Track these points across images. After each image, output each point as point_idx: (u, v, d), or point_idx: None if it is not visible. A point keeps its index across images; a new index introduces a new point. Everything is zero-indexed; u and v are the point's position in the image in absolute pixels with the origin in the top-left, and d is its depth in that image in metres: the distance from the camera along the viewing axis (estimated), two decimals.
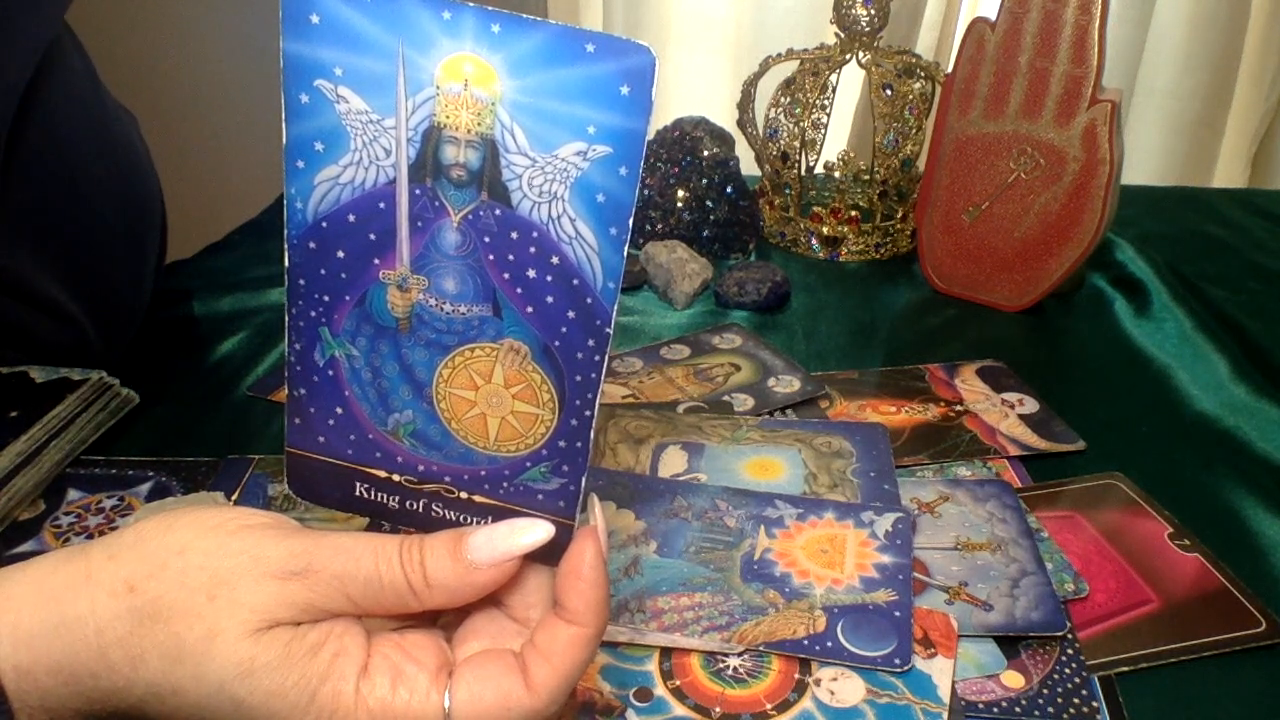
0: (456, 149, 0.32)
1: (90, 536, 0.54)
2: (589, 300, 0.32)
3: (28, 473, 0.56)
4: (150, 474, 0.60)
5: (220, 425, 0.66)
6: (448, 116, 0.31)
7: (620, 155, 0.30)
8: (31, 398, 0.60)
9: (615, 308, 0.32)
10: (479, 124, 0.31)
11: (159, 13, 1.52)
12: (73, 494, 0.57)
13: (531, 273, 0.32)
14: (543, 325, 0.33)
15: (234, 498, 0.57)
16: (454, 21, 0.30)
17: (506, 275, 0.33)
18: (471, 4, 0.30)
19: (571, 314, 0.33)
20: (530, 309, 0.33)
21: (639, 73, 0.29)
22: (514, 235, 0.32)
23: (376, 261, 0.34)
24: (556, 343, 0.33)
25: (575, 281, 0.32)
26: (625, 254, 0.32)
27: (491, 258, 0.33)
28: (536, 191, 0.31)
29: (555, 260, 0.32)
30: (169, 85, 1.52)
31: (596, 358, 0.33)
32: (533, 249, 0.32)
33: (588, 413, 0.34)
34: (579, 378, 0.34)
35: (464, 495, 0.37)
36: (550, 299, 0.33)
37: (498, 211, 0.32)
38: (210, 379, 0.72)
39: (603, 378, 0.33)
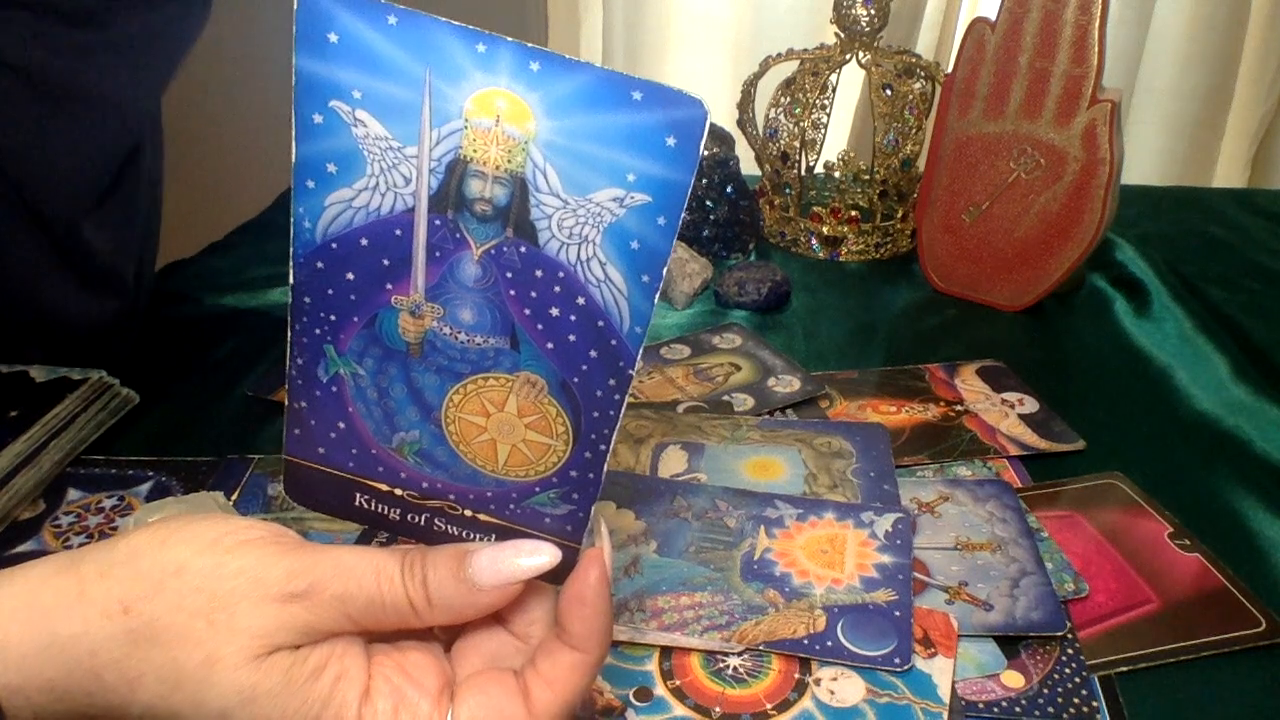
0: (483, 184, 0.30)
1: (90, 536, 0.54)
2: (614, 342, 0.31)
3: (28, 473, 0.56)
4: (150, 474, 0.60)
5: (220, 425, 0.66)
6: (475, 150, 0.30)
7: (660, 205, 0.29)
8: (31, 398, 0.60)
9: (640, 351, 0.31)
10: (509, 161, 0.30)
11: None
12: (73, 494, 0.57)
13: (555, 311, 0.32)
14: (562, 362, 0.32)
15: (234, 498, 0.57)
16: (489, 55, 0.29)
17: (528, 311, 0.32)
18: (509, 40, 0.29)
19: (594, 354, 0.32)
20: (551, 345, 0.32)
21: (688, 125, 0.28)
22: (539, 273, 0.31)
23: (389, 286, 0.33)
24: (575, 379, 0.32)
25: (600, 323, 0.31)
26: (656, 301, 0.31)
27: (513, 293, 0.32)
28: (566, 233, 0.30)
29: (581, 301, 0.31)
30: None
31: (617, 396, 0.32)
32: (558, 288, 0.31)
33: (603, 447, 0.33)
34: (596, 414, 0.33)
35: (468, 513, 0.36)
36: (572, 338, 0.32)
37: (523, 249, 0.31)
38: (210, 379, 0.72)
39: (622, 414, 0.33)
